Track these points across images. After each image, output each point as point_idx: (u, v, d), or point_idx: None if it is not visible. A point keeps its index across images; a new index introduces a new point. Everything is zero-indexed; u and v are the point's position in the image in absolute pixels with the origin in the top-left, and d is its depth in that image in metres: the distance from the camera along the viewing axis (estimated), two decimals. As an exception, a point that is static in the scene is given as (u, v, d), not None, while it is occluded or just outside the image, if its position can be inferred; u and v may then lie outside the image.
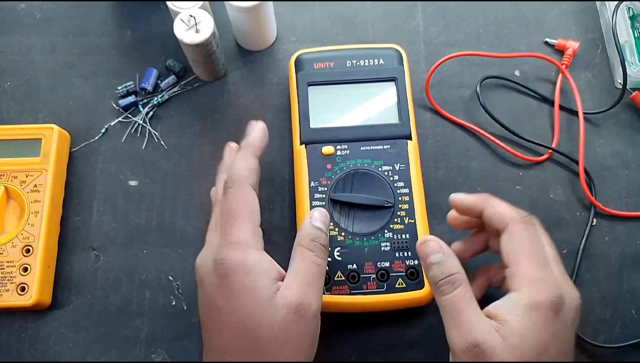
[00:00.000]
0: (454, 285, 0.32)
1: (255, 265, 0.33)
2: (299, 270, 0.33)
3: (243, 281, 0.32)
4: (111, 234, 0.44)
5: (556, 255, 0.35)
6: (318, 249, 0.35)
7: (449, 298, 0.32)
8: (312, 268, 0.34)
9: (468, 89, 0.49)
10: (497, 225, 0.35)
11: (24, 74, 0.49)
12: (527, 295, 0.31)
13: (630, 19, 0.49)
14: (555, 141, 0.46)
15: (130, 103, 0.47)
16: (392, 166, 0.42)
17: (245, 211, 0.34)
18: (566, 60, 0.49)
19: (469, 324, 0.31)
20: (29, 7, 0.52)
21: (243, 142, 0.38)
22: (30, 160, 0.44)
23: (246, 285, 0.32)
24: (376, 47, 0.46)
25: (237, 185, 0.35)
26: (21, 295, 0.40)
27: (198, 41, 0.43)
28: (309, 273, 0.34)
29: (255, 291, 0.32)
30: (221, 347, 0.33)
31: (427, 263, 0.33)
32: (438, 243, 0.34)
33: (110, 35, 0.51)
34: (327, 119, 0.44)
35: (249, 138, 0.38)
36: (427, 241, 0.34)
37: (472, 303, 0.32)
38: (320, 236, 0.35)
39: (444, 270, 0.33)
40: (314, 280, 0.34)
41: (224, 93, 0.49)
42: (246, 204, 0.35)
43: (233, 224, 0.34)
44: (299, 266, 0.34)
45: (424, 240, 0.34)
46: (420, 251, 0.34)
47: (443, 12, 0.52)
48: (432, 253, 0.33)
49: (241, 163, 0.36)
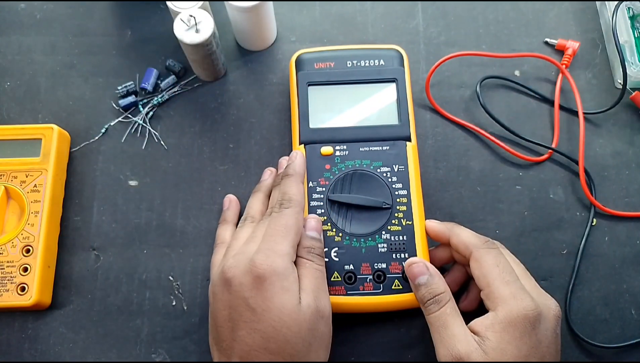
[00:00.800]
0: (440, 304, 0.35)
1: (291, 272, 0.35)
2: (306, 276, 0.36)
3: (281, 284, 0.34)
4: (111, 234, 0.44)
5: (524, 270, 0.38)
6: (317, 258, 0.38)
7: (435, 316, 0.35)
8: (316, 275, 0.37)
9: (468, 89, 0.49)
10: (463, 252, 0.38)
11: (24, 74, 0.49)
12: (502, 312, 0.34)
13: (630, 19, 0.49)
14: (555, 141, 0.46)
15: (130, 103, 0.48)
16: (390, 167, 0.42)
17: (295, 230, 0.37)
18: (566, 60, 0.48)
19: (453, 339, 0.34)
20: (29, 7, 0.52)
21: (290, 170, 0.41)
22: (30, 160, 0.44)
23: (285, 286, 0.34)
24: (377, 47, 0.46)
25: (294, 206, 0.38)
26: (21, 295, 0.40)
27: (198, 41, 0.43)
28: (315, 279, 0.37)
29: (290, 292, 0.34)
30: (246, 348, 0.34)
31: (415, 284, 0.37)
32: (425, 264, 0.37)
33: (110, 35, 0.51)
34: (326, 119, 0.44)
35: (296, 167, 0.41)
36: (414, 263, 0.38)
37: (457, 320, 0.35)
38: (315, 246, 0.38)
39: (431, 290, 0.36)
40: (321, 284, 0.37)
41: (224, 93, 0.49)
42: (296, 225, 0.38)
43: (285, 236, 0.36)
44: (305, 274, 0.37)
45: (411, 262, 0.38)
46: (409, 272, 0.38)
47: (443, 12, 0.51)
48: (419, 274, 0.37)
49: (295, 188, 0.40)
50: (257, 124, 0.48)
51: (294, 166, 0.41)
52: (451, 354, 0.33)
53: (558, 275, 0.43)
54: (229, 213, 0.44)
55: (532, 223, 0.44)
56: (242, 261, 0.35)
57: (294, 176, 0.40)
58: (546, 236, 0.44)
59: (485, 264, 0.36)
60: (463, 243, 0.38)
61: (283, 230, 0.37)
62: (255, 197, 0.43)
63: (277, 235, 0.36)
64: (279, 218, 0.38)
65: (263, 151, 0.47)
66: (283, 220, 0.37)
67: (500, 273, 0.35)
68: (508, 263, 0.36)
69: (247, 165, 0.46)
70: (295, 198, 0.39)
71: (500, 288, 0.34)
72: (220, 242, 0.42)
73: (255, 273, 0.34)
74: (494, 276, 0.35)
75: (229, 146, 0.47)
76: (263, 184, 0.44)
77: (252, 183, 0.45)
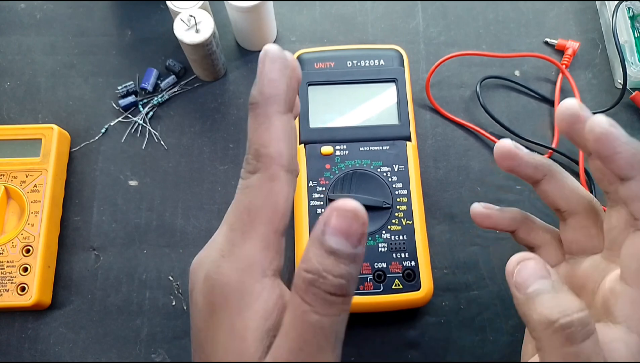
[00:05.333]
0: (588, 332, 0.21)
1: (254, 304, 0.21)
2: (287, 334, 0.20)
3: (232, 322, 0.21)
4: (111, 234, 0.44)
5: None
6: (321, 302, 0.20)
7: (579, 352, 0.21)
8: (310, 335, 0.20)
9: (468, 89, 0.49)
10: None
11: (24, 74, 0.49)
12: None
13: (630, 19, 0.49)
14: (555, 141, 0.46)
15: (130, 103, 0.48)
16: (390, 167, 0.42)
17: (266, 214, 0.22)
18: (566, 60, 0.48)
19: None
20: (29, 7, 0.52)
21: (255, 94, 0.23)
22: (30, 160, 0.44)
23: (234, 328, 0.21)
24: (377, 47, 0.46)
25: (262, 170, 0.23)
26: (21, 295, 0.40)
27: (198, 41, 0.43)
28: (303, 339, 0.20)
29: (244, 344, 0.21)
30: None
31: (527, 291, 0.22)
32: (544, 264, 0.23)
33: (110, 35, 0.51)
34: (326, 119, 0.44)
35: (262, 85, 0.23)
36: (526, 259, 0.23)
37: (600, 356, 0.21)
38: (330, 274, 0.20)
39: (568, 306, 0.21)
40: (314, 352, 0.20)
41: (224, 93, 0.49)
42: (269, 202, 0.22)
43: (247, 231, 0.22)
44: (288, 326, 0.21)
45: (522, 258, 0.23)
46: (516, 272, 0.23)
47: (443, 12, 0.51)
48: (537, 276, 0.22)
49: (267, 132, 0.23)
50: (257, 124, 0.48)
51: (259, 83, 0.23)
52: None
53: (558, 275, 0.43)
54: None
55: (532, 223, 0.44)
56: (204, 263, 0.23)
57: (261, 105, 0.23)
58: (546, 236, 0.44)
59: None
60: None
61: (245, 219, 0.22)
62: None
63: (237, 229, 0.22)
64: (240, 196, 0.23)
65: (263, 151, 0.47)
66: (245, 199, 0.23)
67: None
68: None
69: (247, 165, 0.46)
70: (267, 151, 0.22)
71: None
72: None
73: (208, 296, 0.22)
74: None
75: (229, 146, 0.47)
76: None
77: (252, 183, 0.45)
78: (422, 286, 0.39)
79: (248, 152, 0.23)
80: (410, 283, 0.39)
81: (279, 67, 0.23)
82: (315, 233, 0.20)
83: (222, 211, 0.44)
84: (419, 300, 0.39)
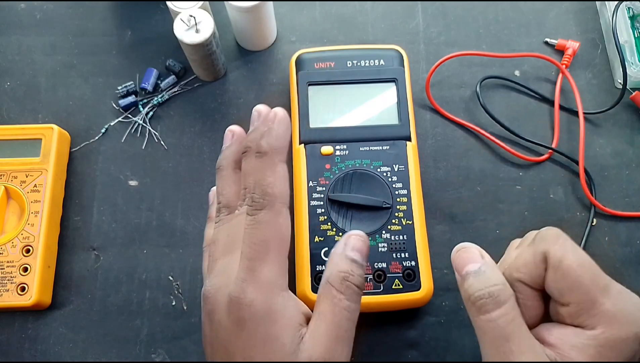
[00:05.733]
0: (498, 302, 0.25)
1: (282, 312, 0.27)
2: (325, 317, 0.27)
3: (266, 330, 0.26)
4: (111, 234, 0.44)
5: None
6: (351, 292, 0.28)
7: (492, 320, 0.25)
8: (341, 316, 0.27)
9: (468, 89, 0.49)
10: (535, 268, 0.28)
11: (24, 74, 0.49)
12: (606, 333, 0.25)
13: (630, 19, 0.49)
14: (555, 141, 0.46)
15: (130, 103, 0.48)
16: (390, 167, 0.42)
17: (277, 243, 0.28)
18: (566, 60, 0.48)
19: (520, 356, 0.25)
20: (29, 7, 0.52)
21: (263, 144, 0.29)
22: (30, 160, 0.44)
23: (269, 335, 0.26)
24: (377, 47, 0.46)
25: (271, 204, 0.28)
26: (21, 295, 0.40)
27: (198, 41, 0.43)
28: (338, 322, 0.27)
29: (279, 342, 0.26)
30: None
31: (463, 274, 0.28)
32: (478, 250, 0.28)
33: (110, 35, 0.51)
34: (326, 119, 0.44)
35: (273, 139, 0.29)
36: (465, 248, 0.28)
37: (522, 328, 0.26)
38: (355, 274, 0.28)
39: (484, 282, 0.26)
40: (343, 332, 0.27)
41: (224, 93, 0.49)
42: (278, 233, 0.28)
43: (263, 259, 0.27)
44: (325, 312, 0.27)
45: (460, 247, 0.29)
46: (456, 260, 0.29)
47: (443, 12, 0.51)
48: (469, 261, 0.28)
49: (272, 175, 0.29)
50: (257, 124, 0.48)
51: (269, 137, 0.29)
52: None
53: (558, 275, 0.43)
54: (213, 208, 0.36)
55: (532, 223, 0.44)
56: (222, 288, 0.28)
57: (269, 155, 0.29)
58: (546, 236, 0.44)
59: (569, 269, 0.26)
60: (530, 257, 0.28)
61: (261, 250, 0.27)
62: (222, 177, 0.33)
63: (255, 258, 0.27)
64: (253, 231, 0.28)
65: (263, 151, 0.47)
66: (259, 233, 0.28)
67: (593, 279, 0.25)
68: (587, 255, 0.27)
69: (247, 165, 0.46)
70: (272, 191, 0.28)
71: (599, 301, 0.25)
72: (207, 245, 0.34)
73: (235, 314, 0.27)
74: (587, 284, 0.25)
75: (229, 146, 0.47)
76: (227, 155, 0.33)
77: (252, 183, 0.45)
78: (422, 286, 0.39)
79: (253, 191, 0.28)
80: (410, 283, 0.39)
81: (285, 128, 0.30)
82: (338, 249, 0.29)
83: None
84: (419, 300, 0.39)
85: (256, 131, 0.30)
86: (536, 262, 0.27)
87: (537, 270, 0.27)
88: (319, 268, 0.39)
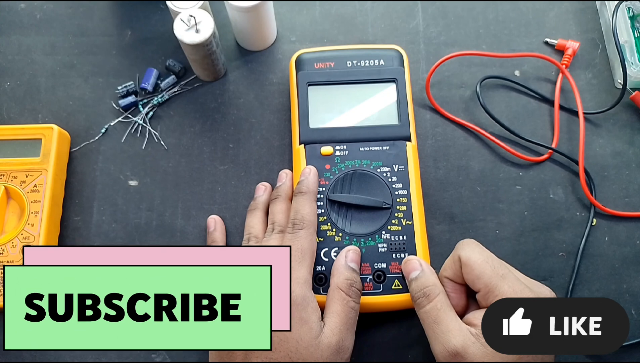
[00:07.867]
0: (429, 297, 0.35)
1: (311, 301, 0.35)
2: (338, 314, 0.36)
3: (301, 313, 0.34)
4: (111, 234, 0.44)
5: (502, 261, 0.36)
6: (355, 294, 0.37)
7: (425, 311, 0.35)
8: (350, 313, 0.36)
9: (468, 89, 0.49)
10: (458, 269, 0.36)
11: (24, 74, 0.49)
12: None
13: (630, 19, 0.49)
14: (555, 141, 0.46)
15: (130, 103, 0.48)
16: (390, 167, 0.42)
17: (311, 253, 0.38)
18: (566, 60, 0.48)
19: (448, 334, 0.33)
20: (29, 7, 0.52)
21: (303, 187, 0.40)
22: (30, 160, 0.44)
23: (303, 317, 0.34)
24: (377, 47, 0.46)
25: (307, 226, 0.38)
26: (21, 295, 0.40)
27: (198, 41, 0.43)
28: (347, 317, 0.36)
29: (309, 325, 0.34)
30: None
31: (408, 280, 0.37)
32: (419, 261, 0.38)
33: (110, 35, 0.51)
34: (326, 120, 0.44)
35: (310, 184, 0.41)
36: (409, 259, 0.38)
37: (449, 314, 0.34)
38: (356, 280, 0.37)
39: (420, 284, 0.36)
40: (351, 324, 0.36)
41: (224, 93, 0.49)
42: (312, 246, 0.38)
43: (302, 261, 0.37)
44: (338, 310, 0.36)
45: (406, 260, 0.38)
46: (404, 269, 0.38)
47: (443, 12, 0.51)
48: (411, 270, 0.37)
49: (309, 207, 0.39)
50: (257, 124, 0.48)
51: (307, 182, 0.41)
52: (447, 350, 0.32)
53: (558, 275, 0.43)
54: (216, 234, 0.43)
55: (532, 223, 0.44)
56: None
57: (307, 194, 0.40)
58: (546, 236, 0.44)
59: (475, 264, 0.34)
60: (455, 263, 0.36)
61: (299, 255, 0.37)
62: (254, 215, 0.43)
63: (293, 260, 0.36)
64: (294, 241, 0.37)
65: (263, 151, 0.47)
66: (298, 243, 0.37)
67: (493, 270, 0.34)
68: (492, 255, 0.35)
69: (247, 165, 0.46)
70: (308, 218, 0.39)
71: (498, 285, 0.33)
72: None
73: None
74: (489, 274, 0.34)
75: (229, 146, 0.47)
76: (259, 201, 0.43)
77: (253, 183, 0.45)
78: (422, 286, 0.39)
79: (294, 217, 0.39)
80: (410, 283, 0.39)
81: (316, 178, 0.42)
82: (341, 262, 0.38)
83: (222, 211, 0.44)
84: (418, 300, 0.39)
85: (297, 185, 0.41)
86: (455, 262, 0.36)
87: (456, 268, 0.36)
88: (318, 268, 0.39)
